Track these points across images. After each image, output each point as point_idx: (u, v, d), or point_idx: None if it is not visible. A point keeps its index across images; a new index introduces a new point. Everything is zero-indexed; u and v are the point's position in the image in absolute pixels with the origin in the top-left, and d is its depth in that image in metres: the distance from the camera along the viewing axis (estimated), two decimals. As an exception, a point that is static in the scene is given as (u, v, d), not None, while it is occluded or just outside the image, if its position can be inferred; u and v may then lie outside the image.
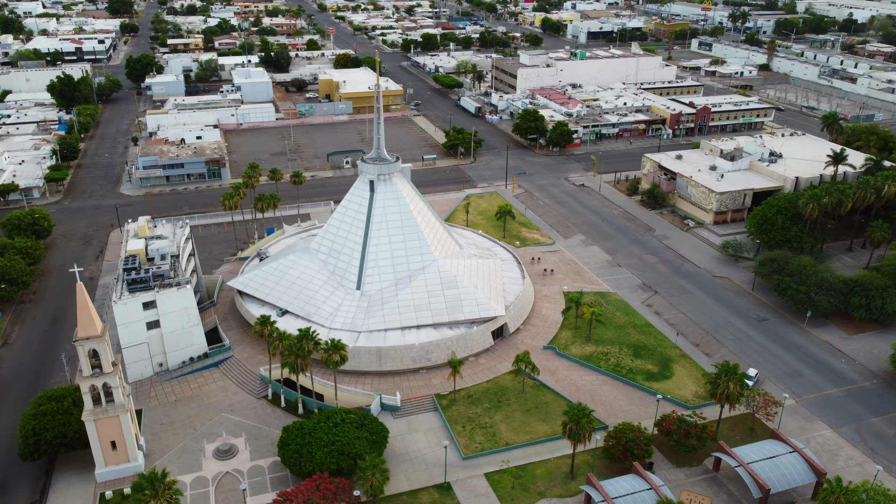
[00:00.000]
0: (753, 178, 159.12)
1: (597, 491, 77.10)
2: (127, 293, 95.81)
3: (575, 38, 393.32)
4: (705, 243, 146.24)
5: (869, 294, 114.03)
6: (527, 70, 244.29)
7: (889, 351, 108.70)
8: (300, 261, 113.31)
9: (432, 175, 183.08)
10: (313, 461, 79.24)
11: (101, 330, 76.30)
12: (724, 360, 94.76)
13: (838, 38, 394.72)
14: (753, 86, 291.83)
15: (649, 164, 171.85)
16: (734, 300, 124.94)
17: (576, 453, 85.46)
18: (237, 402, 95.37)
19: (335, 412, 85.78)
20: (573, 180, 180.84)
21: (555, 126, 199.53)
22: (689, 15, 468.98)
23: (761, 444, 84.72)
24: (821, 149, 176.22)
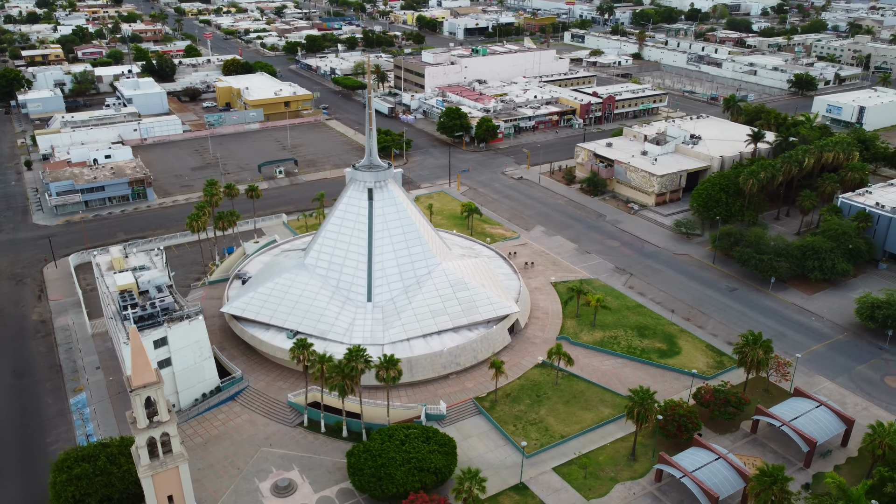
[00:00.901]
0: (682, 160, 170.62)
1: (672, 467, 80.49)
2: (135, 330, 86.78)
3: (452, 34, 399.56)
4: (655, 224, 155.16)
5: (820, 257, 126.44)
6: (434, 68, 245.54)
7: (845, 305, 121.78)
8: (298, 278, 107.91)
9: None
10: (395, 482, 76.46)
11: (157, 375, 69.02)
12: (720, 331, 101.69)
13: (690, 26, 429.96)
14: (631, 73, 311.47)
15: (583, 154, 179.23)
16: (701, 274, 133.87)
17: (624, 434, 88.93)
18: (273, 434, 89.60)
19: (396, 429, 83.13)
20: (510, 174, 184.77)
21: (480, 122, 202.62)
22: (550, 9, 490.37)
23: (789, 403, 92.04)
24: (728, 129, 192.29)
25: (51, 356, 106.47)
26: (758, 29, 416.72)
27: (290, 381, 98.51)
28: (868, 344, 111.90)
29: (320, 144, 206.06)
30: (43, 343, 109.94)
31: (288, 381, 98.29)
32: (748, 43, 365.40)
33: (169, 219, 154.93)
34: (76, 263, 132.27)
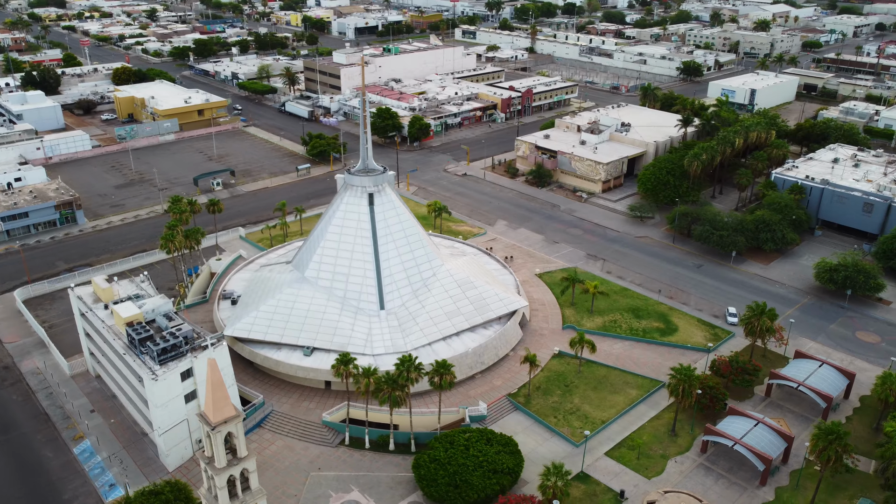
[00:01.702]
0: (620, 147, 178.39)
1: (721, 437, 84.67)
2: (158, 367, 79.76)
3: (342, 34, 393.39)
4: (608, 210, 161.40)
5: (772, 229, 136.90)
6: (350, 69, 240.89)
7: (800, 271, 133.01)
8: (302, 292, 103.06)
9: (317, 184, 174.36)
10: (474, 488, 75.35)
11: (236, 409, 63.85)
12: (702, 305, 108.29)
13: (569, 20, 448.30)
14: (528, 67, 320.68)
15: (524, 147, 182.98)
16: (665, 254, 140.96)
17: (657, 412, 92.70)
18: (318, 457, 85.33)
19: (454, 435, 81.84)
20: (453, 171, 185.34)
21: (412, 121, 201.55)
22: (430, 6, 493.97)
23: (794, 365, 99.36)
24: (647, 116, 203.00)
25: (30, 405, 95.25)
26: (630, 21, 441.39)
27: (316, 399, 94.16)
28: (831, 305, 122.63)
29: (248, 153, 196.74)
30: (15, 391, 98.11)
31: (313, 401, 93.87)
32: (627, 34, 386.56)
33: (111, 242, 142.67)
34: (23, 298, 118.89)
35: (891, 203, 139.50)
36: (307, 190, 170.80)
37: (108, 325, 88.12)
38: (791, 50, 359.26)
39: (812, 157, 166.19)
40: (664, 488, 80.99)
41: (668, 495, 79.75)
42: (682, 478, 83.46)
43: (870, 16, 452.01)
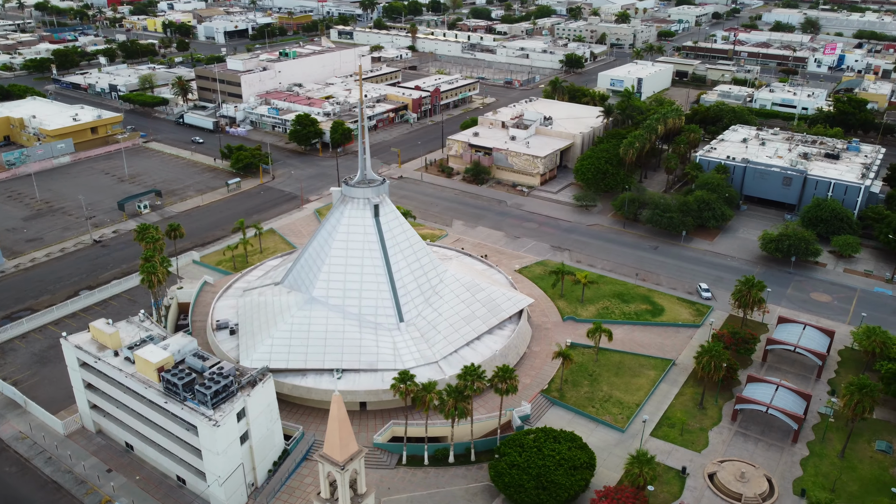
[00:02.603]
0: (550, 140, 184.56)
1: (754, 404, 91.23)
2: (212, 411, 73.39)
3: (210, 38, 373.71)
4: (552, 202, 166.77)
5: (712, 207, 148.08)
6: (250, 76, 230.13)
7: (742, 243, 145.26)
8: (315, 313, 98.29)
9: (253, 199, 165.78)
10: (562, 487, 76.17)
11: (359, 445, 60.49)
12: (674, 284, 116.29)
13: (437, 17, 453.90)
14: (416, 66, 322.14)
15: (457, 146, 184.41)
16: (621, 239, 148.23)
17: (678, 389, 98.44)
18: (382, 481, 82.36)
19: (519, 437, 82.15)
20: (387, 174, 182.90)
21: (334, 126, 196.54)
22: (295, 8, 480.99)
23: (782, 330, 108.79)
24: (559, 108, 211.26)
25: (31, 475, 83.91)
26: (496, 17, 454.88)
27: (355, 422, 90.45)
28: (779, 272, 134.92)
29: (162, 171, 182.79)
30: (5, 462, 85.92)
31: (355, 426, 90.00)
32: (499, 30, 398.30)
33: (45, 282, 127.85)
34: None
35: (806, 176, 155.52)
36: (245, 205, 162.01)
37: (130, 372, 79.56)
38: (650, 39, 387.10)
39: (723, 139, 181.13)
40: (716, 459, 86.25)
41: (724, 465, 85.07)
42: (726, 447, 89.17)
43: (705, 5, 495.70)
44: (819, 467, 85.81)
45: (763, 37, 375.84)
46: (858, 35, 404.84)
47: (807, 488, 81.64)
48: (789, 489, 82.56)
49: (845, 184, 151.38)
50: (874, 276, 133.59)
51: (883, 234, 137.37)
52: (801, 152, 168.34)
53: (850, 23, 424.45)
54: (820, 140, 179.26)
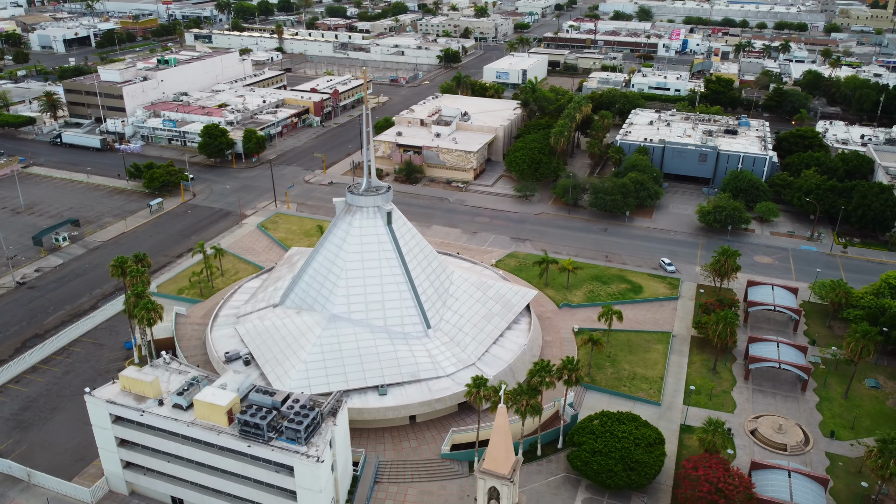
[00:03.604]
0: (473, 135, 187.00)
1: (766, 362, 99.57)
2: (306, 447, 68.43)
3: (48, 48, 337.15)
4: (491, 195, 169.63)
5: (646, 188, 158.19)
6: (133, 86, 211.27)
7: (678, 218, 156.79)
8: (342, 331, 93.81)
9: (183, 219, 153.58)
10: (649, 466, 79.09)
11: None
12: (638, 262, 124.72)
13: (290, 16, 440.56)
14: (291, 68, 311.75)
15: (384, 146, 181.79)
16: (570, 224, 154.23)
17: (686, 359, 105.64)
18: (463, 489, 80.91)
19: (585, 424, 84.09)
20: (316, 181, 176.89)
21: (246, 136, 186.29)
22: (133, 11, 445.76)
23: (755, 291, 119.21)
24: (465, 102, 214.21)
25: (70, 553, 73.46)
26: (351, 15, 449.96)
27: (411, 437, 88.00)
28: (719, 240, 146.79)
29: (62, 198, 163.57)
30: (31, 546, 74.47)
31: (412, 440, 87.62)
32: (360, 27, 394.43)
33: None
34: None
35: (718, 151, 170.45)
36: (176, 227, 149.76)
37: (188, 420, 71.85)
38: (508, 32, 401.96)
39: (633, 123, 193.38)
40: (751, 417, 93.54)
41: (760, 420, 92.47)
42: (751, 404, 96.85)
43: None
44: (832, 409, 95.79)
45: (611, 26, 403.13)
46: (687, 21, 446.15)
47: (834, 430, 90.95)
48: (818, 433, 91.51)
49: (753, 156, 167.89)
50: (796, 235, 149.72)
51: (796, 198, 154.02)
52: (704, 130, 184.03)
53: (678, 10, 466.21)
54: (712, 118, 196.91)
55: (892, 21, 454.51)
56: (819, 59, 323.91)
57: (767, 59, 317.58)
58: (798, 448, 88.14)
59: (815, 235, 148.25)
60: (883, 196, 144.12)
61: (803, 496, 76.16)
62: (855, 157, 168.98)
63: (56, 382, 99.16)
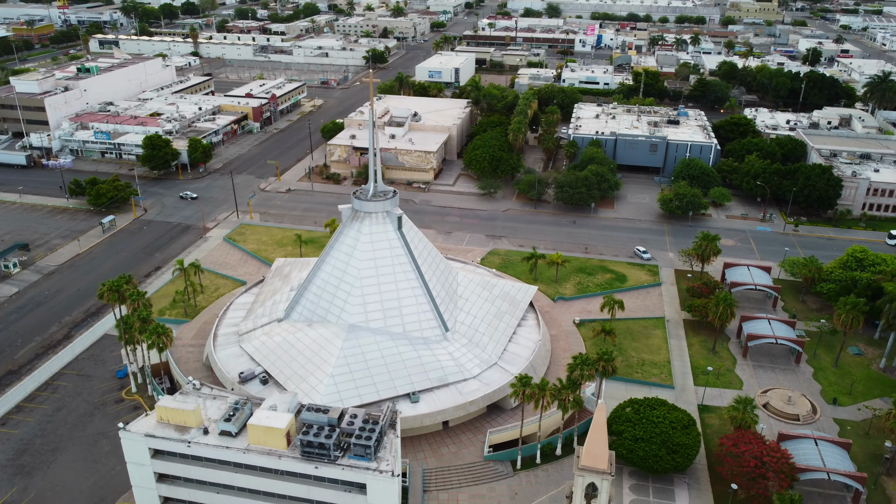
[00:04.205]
0: (428, 134, 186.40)
1: (764, 338, 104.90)
2: (376, 462, 66.52)
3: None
4: (455, 194, 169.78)
5: (607, 179, 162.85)
6: (55, 97, 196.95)
7: (639, 207, 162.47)
8: (362, 341, 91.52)
9: (140, 236, 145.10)
10: (689, 448, 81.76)
11: (607, 452, 59.94)
12: (614, 252, 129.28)
13: (197, 20, 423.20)
14: (211, 73, 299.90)
15: (339, 150, 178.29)
16: (540, 219, 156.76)
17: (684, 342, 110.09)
18: (510, 490, 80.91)
19: (619, 412, 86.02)
20: (273, 189, 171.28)
21: (192, 145, 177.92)
22: (20, 17, 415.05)
23: (733, 272, 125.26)
24: (415, 103, 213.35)
25: None
26: (262, 17, 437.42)
27: (449, 443, 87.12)
28: (682, 226, 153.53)
29: (11, 222, 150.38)
30: None
31: (449, 445, 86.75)
32: (275, 30, 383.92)
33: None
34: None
35: (668, 141, 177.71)
36: (136, 244, 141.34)
37: (241, 447, 68.13)
38: (426, 31, 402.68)
39: (580, 117, 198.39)
40: (759, 391, 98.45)
41: (769, 393, 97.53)
42: (756, 379, 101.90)
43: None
44: (828, 378, 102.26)
45: (525, 23, 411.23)
46: (594, 16, 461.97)
47: (836, 397, 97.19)
48: (821, 401, 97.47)
49: (700, 144, 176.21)
50: (749, 217, 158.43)
51: (746, 182, 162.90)
52: (649, 121, 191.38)
53: (584, 6, 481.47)
54: (653, 110, 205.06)
55: (777, 13, 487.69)
56: (724, 50, 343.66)
57: (680, 51, 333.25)
58: (809, 417, 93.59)
59: (767, 217, 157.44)
60: (825, 176, 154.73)
61: (833, 461, 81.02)
62: (789, 141, 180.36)
63: (49, 421, 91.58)
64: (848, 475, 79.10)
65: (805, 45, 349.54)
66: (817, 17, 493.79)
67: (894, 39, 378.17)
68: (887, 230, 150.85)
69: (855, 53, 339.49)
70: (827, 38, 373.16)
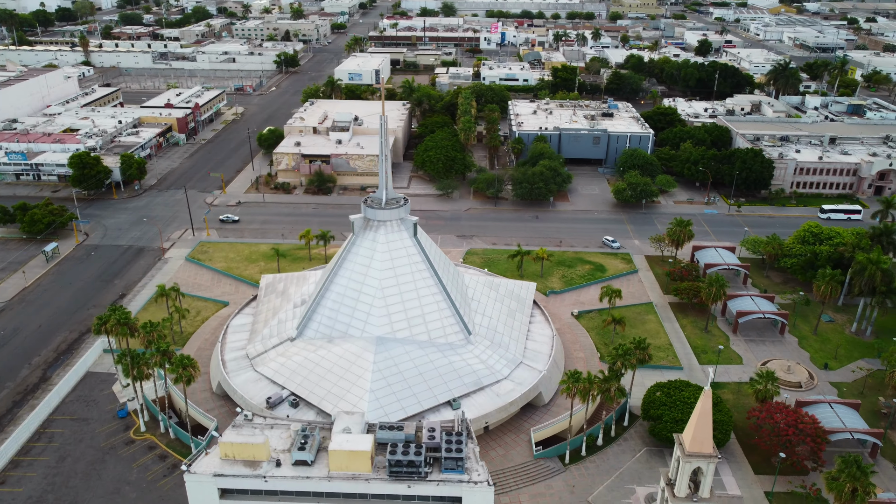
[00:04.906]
0: (374, 138, 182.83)
1: (753, 314, 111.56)
2: (464, 473, 65.63)
3: None
4: (414, 196, 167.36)
5: (560, 174, 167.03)
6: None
7: (593, 199, 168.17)
8: (393, 353, 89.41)
9: (89, 263, 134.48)
10: (725, 423, 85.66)
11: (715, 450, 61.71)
12: (584, 243, 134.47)
13: (83, 27, 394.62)
14: (111, 83, 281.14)
15: (287, 159, 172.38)
16: (503, 216, 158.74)
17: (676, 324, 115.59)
18: (567, 483, 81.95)
19: (650, 397, 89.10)
20: (222, 203, 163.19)
21: (125, 162, 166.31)
22: None
23: (703, 254, 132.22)
24: (347, 107, 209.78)
25: None
26: (148, 21, 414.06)
27: (494, 444, 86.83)
28: (637, 214, 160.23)
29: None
30: None
31: (496, 448, 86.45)
32: (167, 35, 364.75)
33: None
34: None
35: (609, 134, 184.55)
36: (91, 271, 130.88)
37: (322, 475, 65.11)
38: (327, 33, 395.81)
39: (518, 114, 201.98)
40: (759, 364, 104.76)
41: (769, 364, 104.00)
42: (751, 353, 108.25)
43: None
44: (812, 346, 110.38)
45: (427, 22, 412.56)
46: (489, 14, 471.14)
47: (827, 363, 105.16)
48: (813, 367, 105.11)
49: (639, 135, 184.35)
50: (694, 202, 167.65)
51: (686, 169, 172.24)
52: (585, 115, 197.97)
53: (479, 4, 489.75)
54: (584, 104, 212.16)
55: (656, 7, 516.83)
56: (620, 44, 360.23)
57: (583, 47, 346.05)
58: (809, 384, 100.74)
59: (711, 200, 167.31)
60: (758, 159, 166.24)
61: (850, 421, 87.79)
62: (715, 128, 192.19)
63: (56, 473, 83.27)
64: (868, 432, 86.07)
65: (690, 38, 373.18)
66: (692, 11, 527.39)
67: (767, 30, 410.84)
68: (816, 205, 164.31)
69: (737, 44, 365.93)
70: (708, 31, 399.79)
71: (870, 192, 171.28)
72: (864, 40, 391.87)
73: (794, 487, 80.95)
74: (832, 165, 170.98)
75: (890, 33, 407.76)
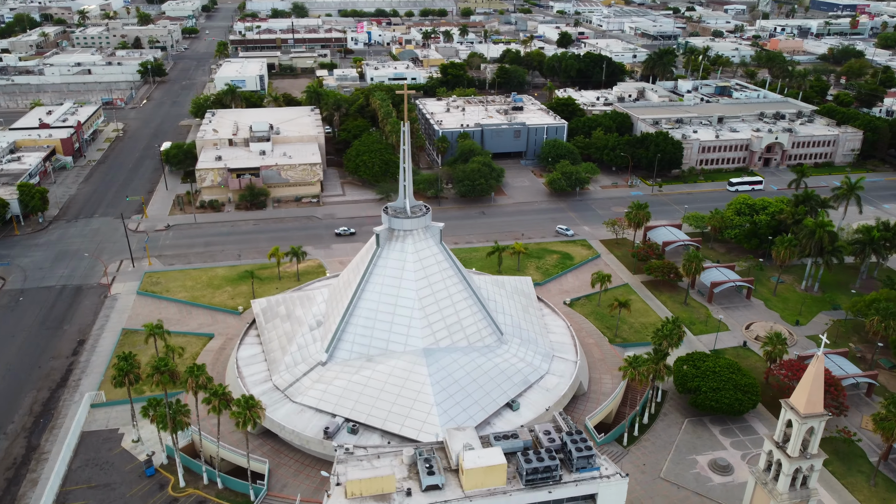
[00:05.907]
0: (300, 146, 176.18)
1: (727, 283, 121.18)
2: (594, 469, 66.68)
3: None
4: (353, 203, 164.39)
5: (494, 169, 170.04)
6: None
7: (526, 190, 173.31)
8: (443, 363, 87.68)
9: (25, 309, 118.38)
10: (752, 387, 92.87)
11: (824, 411, 66.99)
12: (541, 234, 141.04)
13: None
14: None
15: (212, 174, 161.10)
16: (450, 214, 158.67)
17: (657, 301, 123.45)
18: (635, 461, 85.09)
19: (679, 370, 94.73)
20: (147, 228, 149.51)
21: (25, 193, 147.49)
22: None
23: (658, 233, 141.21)
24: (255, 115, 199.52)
25: None
26: None
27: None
28: (573, 202, 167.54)
29: None
30: None
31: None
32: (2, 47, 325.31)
33: None
34: None
35: (527, 127, 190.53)
36: (28, 320, 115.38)
37: (465, 495, 63.16)
38: (179, 39, 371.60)
39: (433, 112, 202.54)
40: (743, 328, 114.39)
41: (752, 327, 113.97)
42: (732, 319, 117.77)
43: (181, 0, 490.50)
44: (776, 306, 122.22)
45: (282, 24, 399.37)
46: (343, 14, 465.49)
47: (798, 319, 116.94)
48: (788, 325, 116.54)
49: (555, 126, 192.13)
50: (619, 185, 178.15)
51: (606, 154, 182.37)
52: (497, 110, 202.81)
53: (331, 4, 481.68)
54: (492, 100, 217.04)
55: (500, 2, 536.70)
56: (483, 39, 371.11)
57: (450, 42, 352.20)
58: (792, 340, 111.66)
59: (632, 182, 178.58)
60: (669, 142, 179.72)
61: (847, 368, 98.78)
62: (616, 114, 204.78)
63: None
64: (867, 375, 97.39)
65: (546, 31, 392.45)
66: (533, 5, 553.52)
67: (607, 21, 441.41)
68: (722, 180, 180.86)
69: (589, 35, 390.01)
70: (559, 24, 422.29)
71: (760, 164, 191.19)
72: (693, 28, 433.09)
73: (831, 433, 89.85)
74: (728, 142, 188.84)
75: (711, 20, 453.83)
